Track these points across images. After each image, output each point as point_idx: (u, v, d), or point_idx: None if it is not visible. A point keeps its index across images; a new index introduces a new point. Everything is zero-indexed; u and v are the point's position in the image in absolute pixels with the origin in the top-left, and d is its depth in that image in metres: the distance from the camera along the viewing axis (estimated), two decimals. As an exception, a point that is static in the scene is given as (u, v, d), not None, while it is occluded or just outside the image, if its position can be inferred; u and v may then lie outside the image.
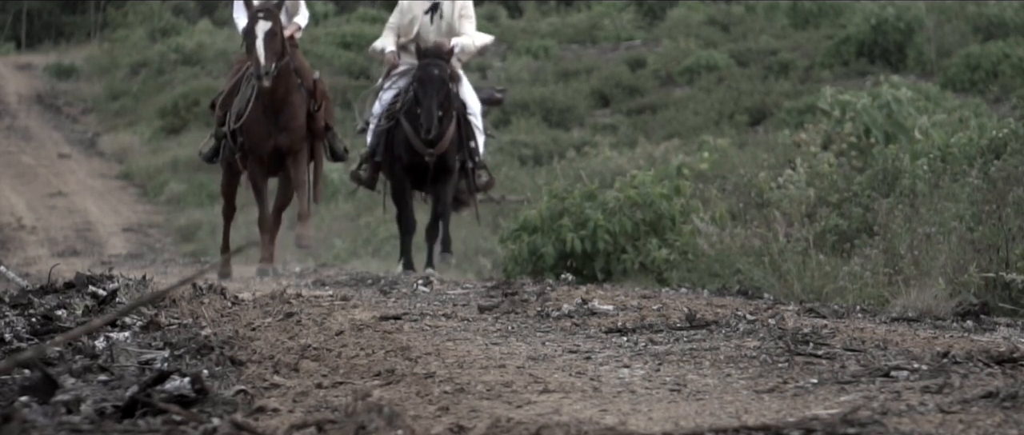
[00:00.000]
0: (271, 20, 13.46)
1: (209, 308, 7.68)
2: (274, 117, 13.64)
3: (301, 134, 13.82)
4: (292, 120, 13.73)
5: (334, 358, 5.93)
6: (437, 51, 13.65)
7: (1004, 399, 4.85)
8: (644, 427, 4.57)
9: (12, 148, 35.35)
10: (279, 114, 13.67)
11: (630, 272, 14.02)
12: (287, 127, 13.71)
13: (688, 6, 42.36)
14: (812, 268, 11.23)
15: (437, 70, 13.55)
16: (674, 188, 14.63)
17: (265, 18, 13.46)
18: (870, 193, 12.73)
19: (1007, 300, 9.57)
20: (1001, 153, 12.26)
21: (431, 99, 13.45)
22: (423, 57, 13.64)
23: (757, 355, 6.09)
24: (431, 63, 13.57)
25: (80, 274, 8.40)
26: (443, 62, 13.62)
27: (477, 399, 5.06)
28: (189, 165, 33.21)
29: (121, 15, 46.31)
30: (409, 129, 13.71)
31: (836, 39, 35.44)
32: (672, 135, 29.96)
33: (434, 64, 13.56)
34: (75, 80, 42.34)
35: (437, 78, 13.52)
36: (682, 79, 36.06)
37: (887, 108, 19.03)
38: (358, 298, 8.69)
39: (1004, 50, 31.62)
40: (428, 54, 13.62)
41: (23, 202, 29.61)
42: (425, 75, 13.54)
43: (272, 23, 13.44)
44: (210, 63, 39.81)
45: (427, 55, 13.62)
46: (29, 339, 6.47)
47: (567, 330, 7.13)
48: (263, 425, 4.51)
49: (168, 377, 4.87)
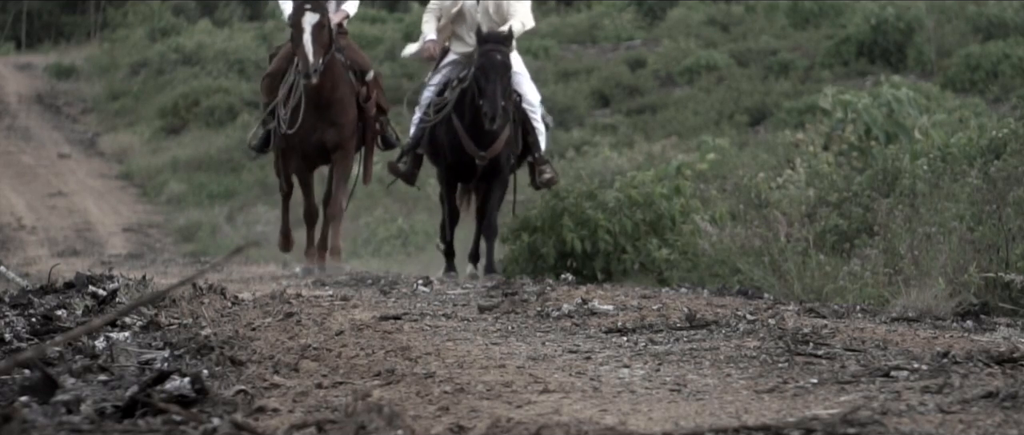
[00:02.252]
0: (318, 12, 12.66)
1: (209, 308, 7.67)
2: (322, 112, 12.87)
3: (350, 130, 13.04)
4: (340, 115, 12.96)
5: (334, 358, 5.93)
6: (498, 36, 12.67)
7: (1004, 399, 4.85)
8: (644, 427, 4.57)
9: (12, 148, 35.35)
10: (327, 109, 12.87)
11: (630, 272, 14.01)
12: (335, 123, 12.95)
13: (688, 6, 42.35)
14: (812, 268, 11.23)
15: (500, 55, 12.56)
16: (674, 188, 14.63)
17: (313, 10, 12.67)
18: (870, 193, 12.72)
19: (1007, 300, 9.57)
20: (1001, 153, 12.25)
21: (495, 86, 12.41)
22: (483, 42, 12.63)
23: (757, 355, 6.09)
24: (492, 49, 12.56)
25: (80, 274, 8.40)
26: (505, 47, 12.62)
27: (477, 399, 5.06)
28: (189, 165, 33.24)
29: (121, 15, 46.30)
30: (460, 127, 12.72)
31: (836, 39, 35.45)
32: (672, 135, 29.97)
33: (496, 49, 12.56)
34: (75, 80, 42.33)
35: (500, 64, 12.52)
36: (682, 79, 36.06)
37: (887, 108, 19.03)
38: (358, 298, 8.68)
39: (1004, 50, 31.64)
40: (489, 39, 12.64)
41: (23, 202, 29.61)
42: (487, 61, 12.52)
43: (320, 15, 12.66)
44: (210, 63, 39.81)
45: (488, 40, 12.63)
46: (29, 339, 6.47)
47: (567, 330, 7.13)
48: (263, 425, 4.51)
49: (168, 377, 4.87)
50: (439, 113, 12.78)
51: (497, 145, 12.72)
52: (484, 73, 12.50)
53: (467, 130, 12.69)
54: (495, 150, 12.73)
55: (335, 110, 12.90)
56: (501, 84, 12.44)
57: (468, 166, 12.85)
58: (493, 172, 12.92)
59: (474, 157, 12.73)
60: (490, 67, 12.48)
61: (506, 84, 12.52)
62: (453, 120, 12.73)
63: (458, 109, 12.72)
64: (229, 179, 32.20)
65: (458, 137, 12.74)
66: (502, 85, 12.45)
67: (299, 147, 13.05)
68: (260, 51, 40.26)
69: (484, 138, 12.68)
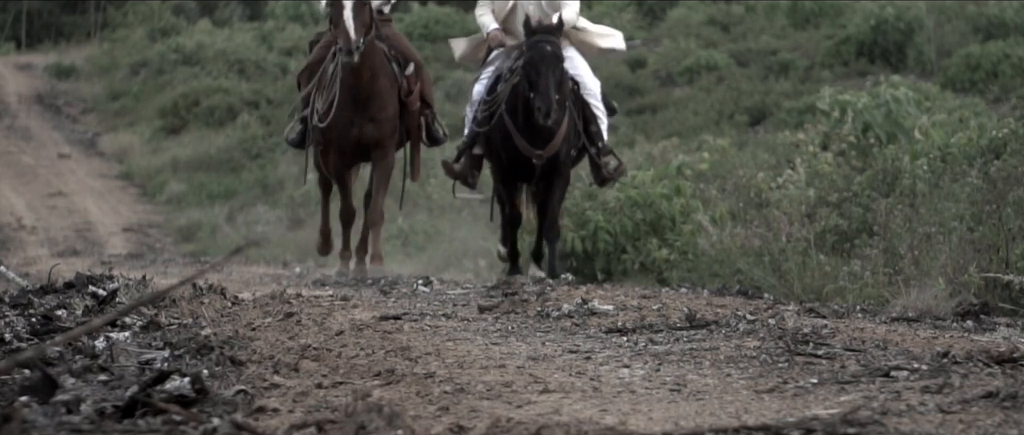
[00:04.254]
0: None
1: (209, 308, 7.67)
2: (360, 105, 12.08)
3: (391, 127, 12.22)
4: (380, 109, 12.15)
5: (334, 358, 5.93)
6: (547, 27, 11.92)
7: (1004, 399, 4.85)
8: (644, 427, 4.57)
9: (12, 148, 35.34)
10: (366, 103, 12.08)
11: (630, 272, 14.02)
12: (374, 118, 12.14)
13: (688, 6, 42.35)
14: (812, 268, 11.23)
15: (549, 46, 11.77)
16: (674, 188, 14.65)
17: None
18: (870, 193, 12.73)
19: (1007, 300, 9.57)
20: (1001, 153, 12.26)
21: (547, 79, 11.60)
22: (531, 34, 11.88)
23: (757, 355, 6.09)
24: (541, 39, 11.78)
25: (80, 274, 8.40)
26: (555, 38, 11.85)
27: (477, 399, 5.06)
28: (189, 165, 33.24)
29: (121, 15, 46.29)
30: (512, 126, 11.95)
31: (836, 39, 35.45)
32: (672, 135, 29.98)
33: (545, 40, 11.78)
34: (75, 80, 42.33)
35: (551, 55, 11.72)
36: (682, 79, 36.06)
37: (887, 108, 19.03)
38: (358, 298, 8.68)
39: (1004, 50, 31.64)
40: (537, 30, 11.88)
41: (23, 202, 29.61)
42: (537, 54, 11.74)
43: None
44: (210, 63, 39.81)
45: (536, 32, 11.87)
46: (29, 339, 6.47)
47: (567, 330, 7.13)
48: (263, 425, 4.51)
49: (168, 377, 4.87)
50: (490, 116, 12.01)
51: (554, 142, 11.96)
52: (534, 66, 11.74)
53: (521, 129, 11.94)
54: (552, 148, 11.97)
55: (375, 104, 12.11)
56: (553, 77, 11.66)
57: (525, 165, 12.05)
58: (552, 170, 12.12)
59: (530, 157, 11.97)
60: (540, 59, 11.72)
61: (558, 76, 11.74)
62: (505, 119, 11.98)
63: (510, 106, 11.96)
64: (229, 179, 32.21)
65: (511, 137, 11.99)
66: (554, 78, 11.67)
67: (336, 143, 12.24)
68: (260, 51, 40.28)
69: (539, 136, 11.93)
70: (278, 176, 31.42)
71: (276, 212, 28.92)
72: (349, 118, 12.06)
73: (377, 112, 12.10)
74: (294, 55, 39.48)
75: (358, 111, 12.07)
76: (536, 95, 11.59)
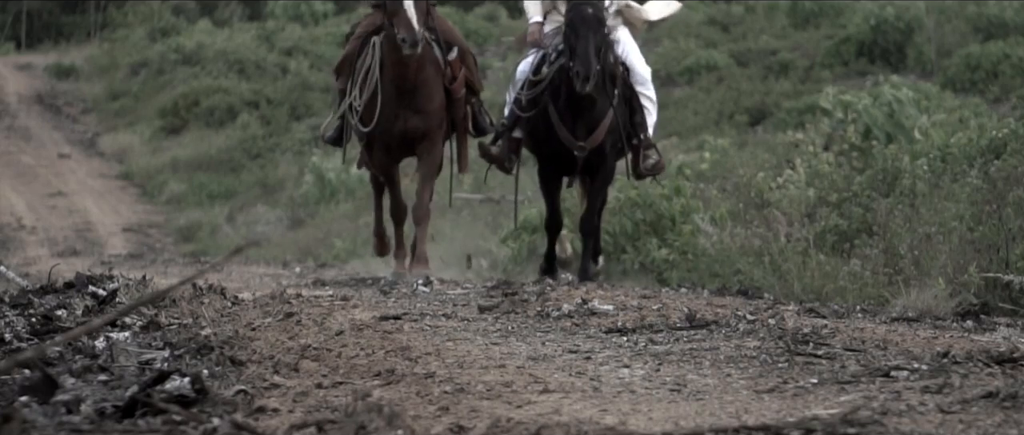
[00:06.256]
0: None
1: (209, 308, 7.67)
2: (405, 98, 11.31)
3: (438, 119, 11.46)
4: (426, 101, 11.35)
5: (334, 358, 5.93)
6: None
7: (1004, 399, 4.85)
8: (644, 427, 4.57)
9: (12, 148, 35.35)
10: (412, 95, 11.30)
11: (630, 272, 14.01)
12: (420, 110, 11.35)
13: (688, 6, 42.30)
14: (812, 268, 11.23)
15: (591, 9, 10.94)
16: (674, 188, 14.63)
17: None
18: (870, 193, 12.72)
19: (1007, 300, 9.57)
20: (1001, 153, 12.25)
21: (586, 42, 10.79)
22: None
23: (757, 355, 6.09)
24: (582, 3, 10.96)
25: (80, 274, 8.40)
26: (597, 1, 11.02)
27: (477, 399, 5.06)
28: (189, 165, 33.25)
29: (121, 15, 46.30)
30: (554, 113, 11.11)
31: (836, 39, 35.44)
32: (672, 135, 29.97)
33: (587, 4, 10.95)
34: (75, 80, 42.33)
35: (592, 17, 10.92)
36: (682, 79, 36.06)
37: (888, 108, 19.03)
38: (358, 298, 8.68)
39: (1004, 50, 31.62)
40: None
41: (23, 202, 29.62)
42: (577, 16, 10.91)
43: None
44: (210, 63, 39.81)
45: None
46: (29, 339, 6.47)
47: (567, 330, 7.13)
48: (263, 425, 4.51)
49: (168, 377, 4.87)
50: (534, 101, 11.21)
51: (598, 133, 11.14)
52: (573, 29, 10.90)
53: (563, 115, 11.13)
54: (596, 139, 11.15)
55: (421, 95, 11.32)
56: (594, 40, 10.82)
57: (567, 157, 11.22)
58: (596, 164, 11.31)
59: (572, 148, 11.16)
60: (579, 22, 10.89)
61: (599, 41, 10.86)
62: (549, 106, 11.17)
63: (553, 90, 11.14)
64: (229, 179, 32.22)
65: (553, 127, 11.19)
66: (594, 41, 10.82)
67: (381, 138, 11.45)
68: (260, 51, 40.27)
69: (582, 124, 11.11)
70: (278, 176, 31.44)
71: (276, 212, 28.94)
72: (394, 111, 11.34)
73: (424, 103, 11.36)
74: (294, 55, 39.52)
75: (403, 104, 11.31)
76: (575, 59, 10.80)
